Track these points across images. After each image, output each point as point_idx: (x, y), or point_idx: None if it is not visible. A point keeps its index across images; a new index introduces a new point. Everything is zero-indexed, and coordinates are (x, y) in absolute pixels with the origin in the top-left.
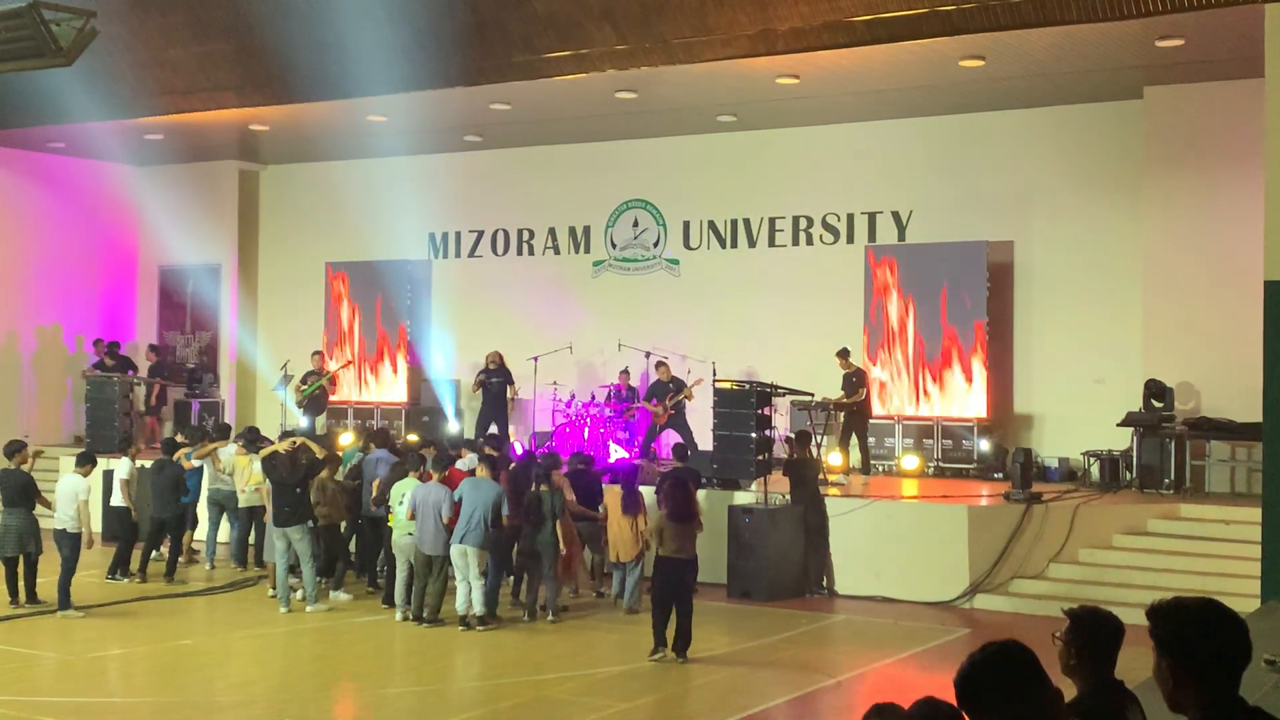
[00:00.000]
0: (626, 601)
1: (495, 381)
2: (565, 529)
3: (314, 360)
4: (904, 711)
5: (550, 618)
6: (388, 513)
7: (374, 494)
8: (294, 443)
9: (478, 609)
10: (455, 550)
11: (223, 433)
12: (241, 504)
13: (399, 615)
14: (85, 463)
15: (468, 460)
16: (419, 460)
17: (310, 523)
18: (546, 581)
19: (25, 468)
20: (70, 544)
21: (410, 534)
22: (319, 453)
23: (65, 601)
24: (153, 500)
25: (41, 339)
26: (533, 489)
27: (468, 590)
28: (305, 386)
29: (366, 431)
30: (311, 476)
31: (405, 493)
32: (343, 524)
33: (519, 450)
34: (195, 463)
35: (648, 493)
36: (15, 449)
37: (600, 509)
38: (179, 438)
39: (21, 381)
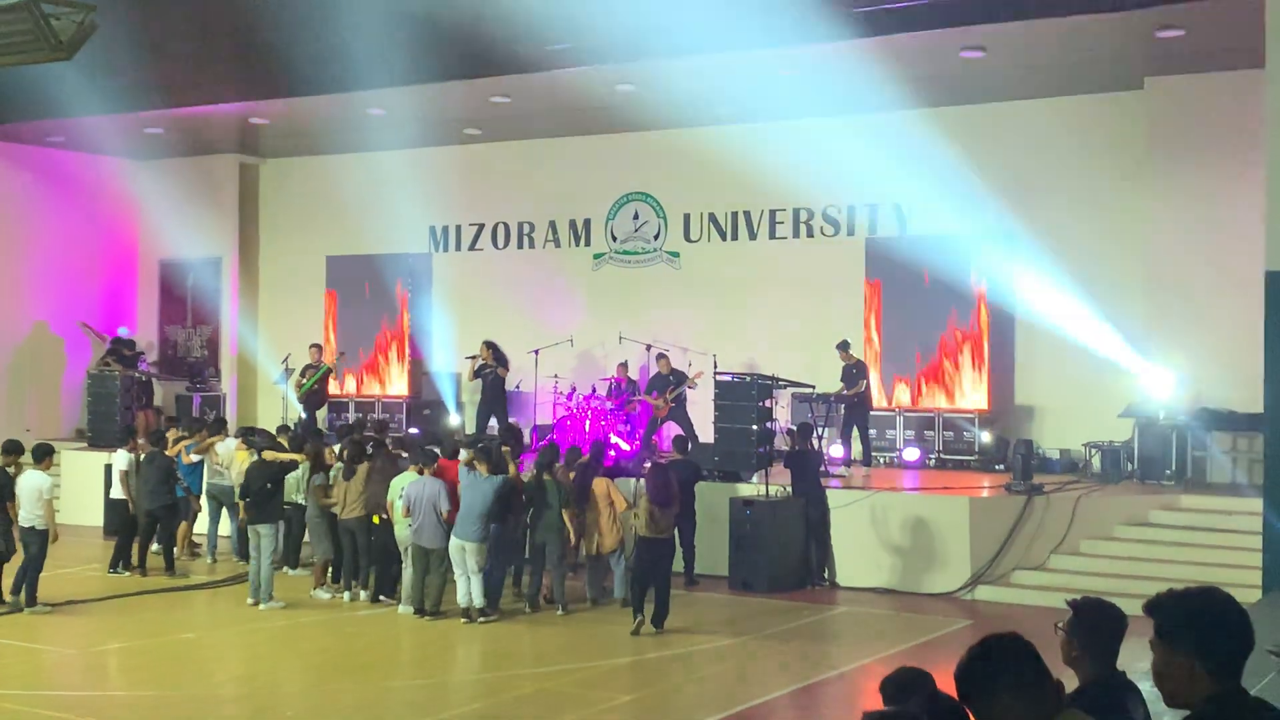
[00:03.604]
0: (617, 592)
1: (489, 372)
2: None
3: (312, 354)
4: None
5: (560, 611)
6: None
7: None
8: (280, 459)
9: (478, 601)
10: (453, 544)
11: (218, 426)
12: (239, 498)
13: (402, 608)
14: (43, 456)
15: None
16: (420, 455)
17: (279, 522)
18: (553, 572)
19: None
20: (37, 541)
21: (411, 526)
22: (299, 458)
23: (32, 599)
24: (143, 493)
25: (41, 333)
26: (534, 478)
27: (467, 584)
28: (305, 381)
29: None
30: (283, 477)
31: (403, 487)
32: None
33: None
34: (194, 457)
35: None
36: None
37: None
38: (170, 432)
39: (22, 375)
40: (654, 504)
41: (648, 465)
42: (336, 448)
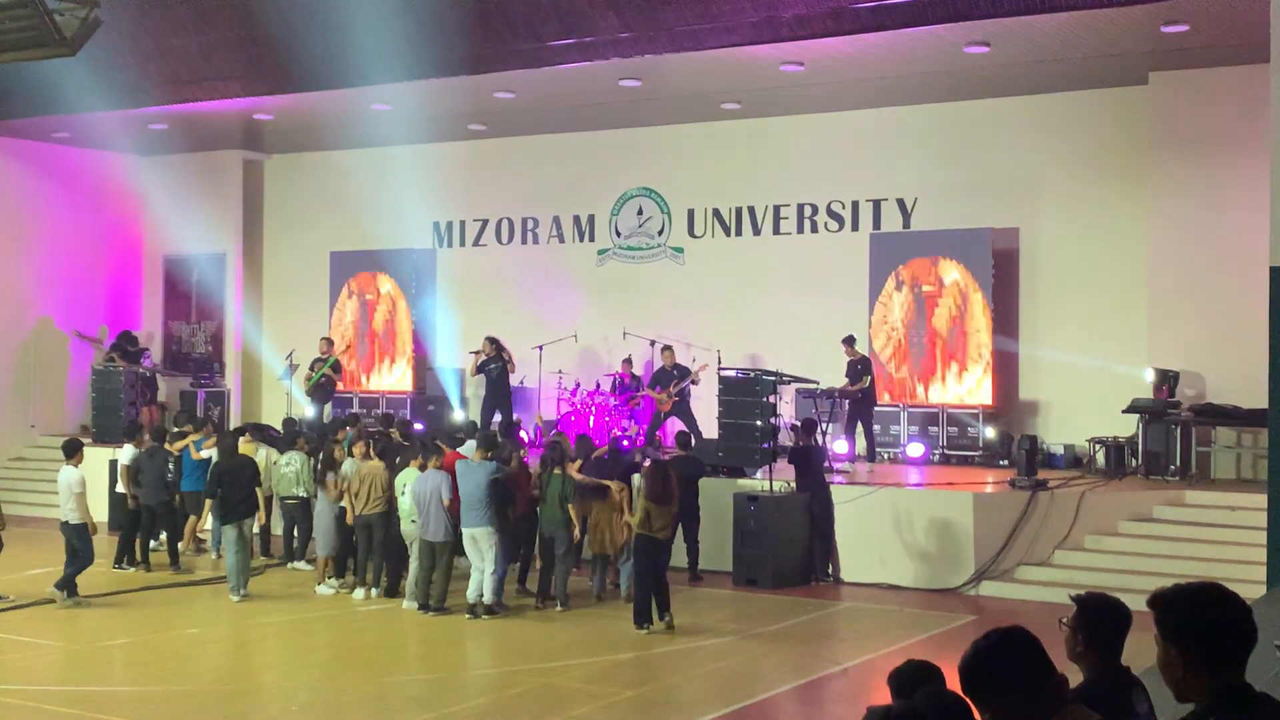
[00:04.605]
0: (624, 590)
1: (494, 368)
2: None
3: (321, 346)
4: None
5: (559, 607)
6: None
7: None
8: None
9: (488, 597)
10: (465, 537)
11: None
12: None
13: (406, 603)
14: (74, 452)
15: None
16: (421, 449)
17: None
18: (558, 567)
19: None
20: (77, 535)
21: (414, 521)
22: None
23: (74, 590)
24: (146, 488)
25: (46, 329)
26: (541, 473)
27: (480, 578)
28: (312, 374)
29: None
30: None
31: (407, 482)
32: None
33: (526, 437)
34: (204, 453)
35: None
36: None
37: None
38: (175, 427)
39: (27, 371)
40: (650, 501)
41: (647, 463)
42: (344, 442)
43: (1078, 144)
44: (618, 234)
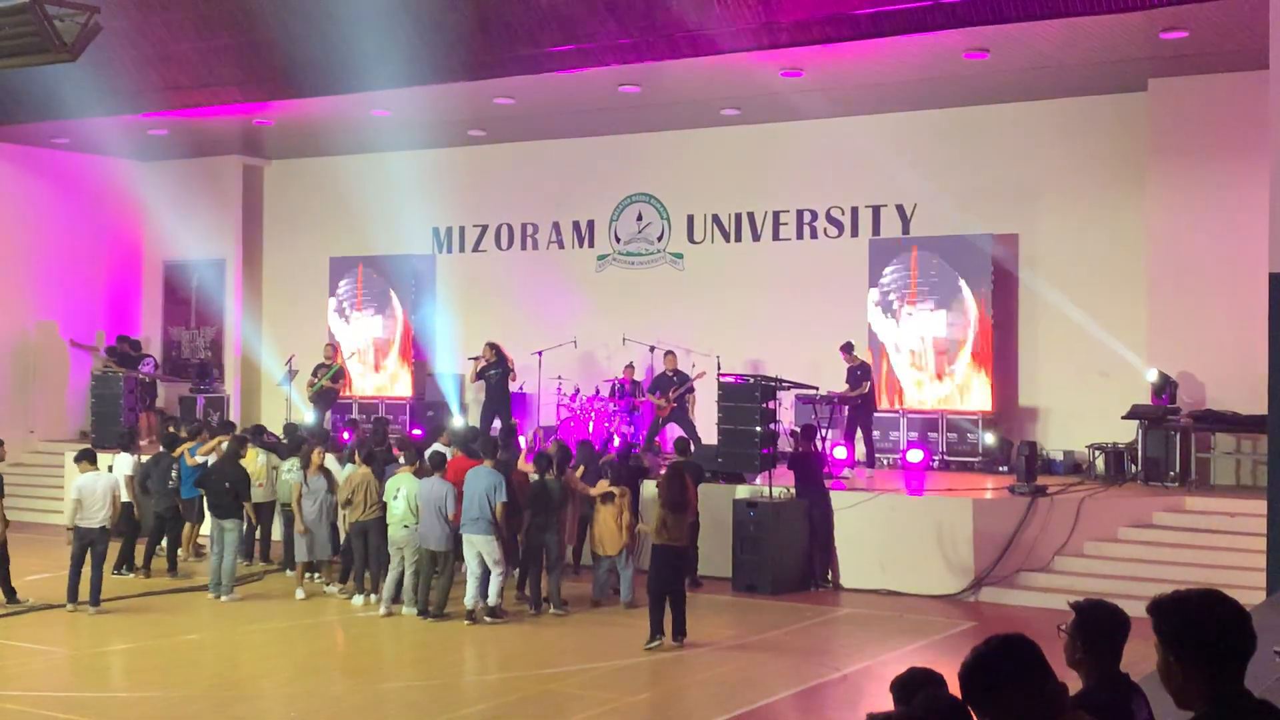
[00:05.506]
0: (624, 595)
1: (494, 374)
2: (569, 519)
3: (326, 352)
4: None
5: (554, 610)
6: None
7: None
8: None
9: (493, 601)
10: (465, 541)
11: (225, 428)
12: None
13: (383, 609)
14: (94, 458)
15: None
16: (416, 455)
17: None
18: (551, 572)
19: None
20: (106, 540)
21: (406, 526)
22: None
23: (96, 599)
24: (154, 494)
25: (46, 335)
26: (538, 479)
27: (476, 585)
28: (316, 380)
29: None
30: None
31: (400, 486)
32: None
33: (524, 443)
34: (199, 459)
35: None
36: None
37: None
38: (180, 431)
39: (26, 377)
40: (665, 509)
41: (661, 470)
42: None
43: (1077, 150)
44: (617, 240)
